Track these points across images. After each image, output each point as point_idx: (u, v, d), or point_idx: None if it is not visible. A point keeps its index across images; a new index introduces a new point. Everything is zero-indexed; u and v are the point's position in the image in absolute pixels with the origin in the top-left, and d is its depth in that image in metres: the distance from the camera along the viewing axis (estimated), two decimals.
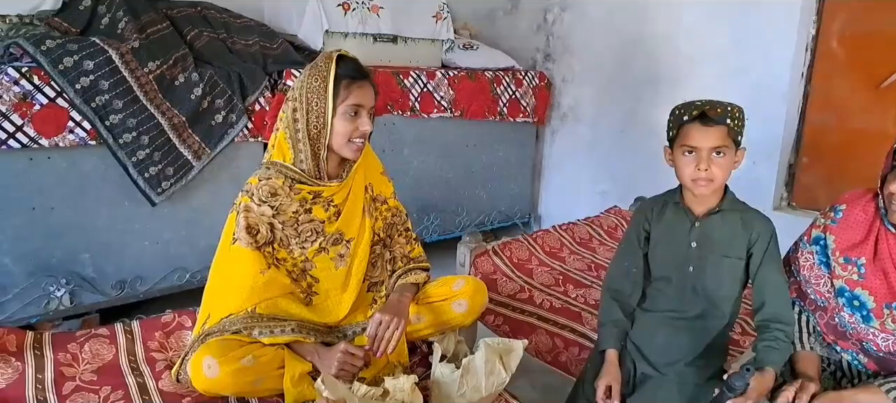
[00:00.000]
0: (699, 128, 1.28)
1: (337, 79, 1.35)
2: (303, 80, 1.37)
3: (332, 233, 1.46)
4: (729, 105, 1.29)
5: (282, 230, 1.40)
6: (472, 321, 1.58)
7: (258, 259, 1.37)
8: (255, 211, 1.37)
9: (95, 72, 1.93)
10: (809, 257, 1.36)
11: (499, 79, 3.10)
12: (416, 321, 1.53)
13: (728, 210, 1.36)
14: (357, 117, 1.38)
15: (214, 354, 1.27)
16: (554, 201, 3.58)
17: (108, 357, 1.41)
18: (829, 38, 2.62)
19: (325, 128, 1.36)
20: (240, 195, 1.41)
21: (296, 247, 1.42)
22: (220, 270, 1.41)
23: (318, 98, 1.35)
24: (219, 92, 2.22)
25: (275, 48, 2.54)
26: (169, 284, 2.27)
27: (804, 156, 2.76)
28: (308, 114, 1.35)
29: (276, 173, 1.39)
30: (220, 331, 1.33)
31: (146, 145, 2.06)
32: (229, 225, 1.41)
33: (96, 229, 2.08)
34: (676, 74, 2.91)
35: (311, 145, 1.37)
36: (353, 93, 1.37)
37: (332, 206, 1.45)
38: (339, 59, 1.37)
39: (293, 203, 1.40)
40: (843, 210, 1.31)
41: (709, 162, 1.28)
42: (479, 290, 1.57)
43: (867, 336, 1.28)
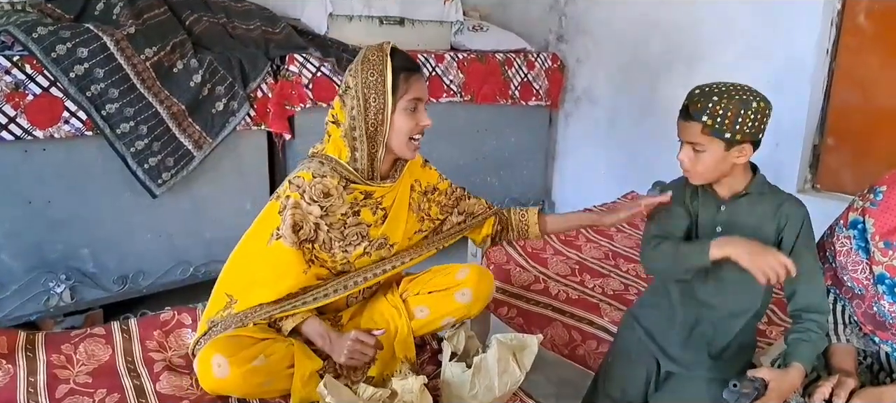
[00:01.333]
0: (681, 120, 1.25)
1: (394, 73, 1.28)
2: (356, 76, 1.29)
3: (378, 238, 1.40)
4: (716, 101, 1.19)
5: (326, 232, 1.33)
6: (478, 311, 1.50)
7: (300, 258, 1.31)
8: (304, 209, 1.30)
9: (90, 59, 1.86)
10: (846, 242, 1.27)
11: (510, 62, 3.00)
12: (419, 313, 1.46)
13: (756, 193, 1.29)
14: (416, 112, 1.32)
15: (224, 352, 1.21)
16: (569, 187, 3.49)
17: (103, 357, 1.35)
18: (856, 13, 2.50)
19: (385, 124, 1.29)
20: (286, 186, 1.32)
21: (339, 251, 1.35)
22: (251, 259, 1.33)
23: (377, 93, 1.27)
24: (219, 79, 2.14)
25: (277, 33, 2.46)
26: (173, 278, 2.21)
27: (829, 136, 2.64)
28: (366, 111, 1.28)
29: (331, 171, 1.32)
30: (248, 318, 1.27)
31: (145, 135, 1.99)
32: (268, 216, 1.32)
33: (96, 223, 2.02)
34: (695, 55, 2.79)
35: (368, 144, 1.30)
36: (413, 87, 1.30)
37: (380, 209, 1.39)
38: (392, 53, 1.30)
39: (344, 205, 1.33)
40: (884, 191, 1.22)
41: (689, 154, 1.25)
42: (484, 278, 1.50)
43: None
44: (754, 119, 1.21)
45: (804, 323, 1.23)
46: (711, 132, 1.20)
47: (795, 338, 1.23)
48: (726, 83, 1.23)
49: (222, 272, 1.37)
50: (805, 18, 2.49)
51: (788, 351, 1.23)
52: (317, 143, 1.39)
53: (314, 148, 1.39)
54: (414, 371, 1.34)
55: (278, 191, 1.34)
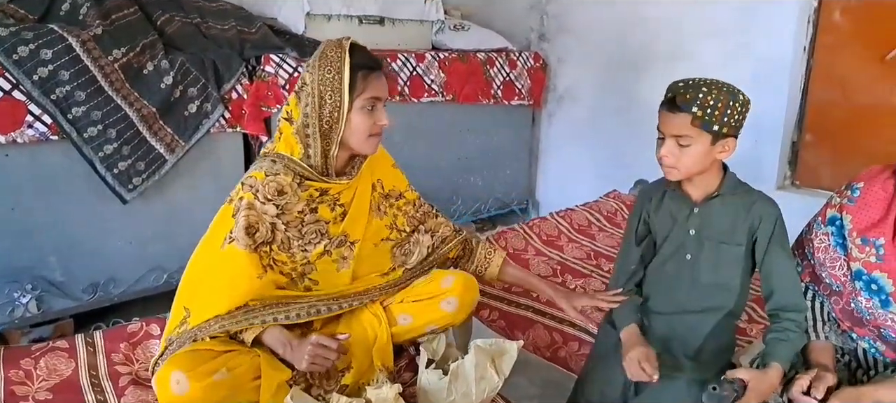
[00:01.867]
0: (665, 112, 1.22)
1: (352, 71, 1.24)
2: (313, 72, 1.26)
3: (338, 235, 1.36)
4: (708, 91, 1.18)
5: (284, 231, 1.29)
6: (463, 319, 1.48)
7: (255, 262, 1.26)
8: (258, 209, 1.25)
9: (54, 61, 1.80)
10: (824, 239, 1.26)
11: (492, 61, 2.97)
12: (403, 321, 1.42)
13: (728, 194, 1.27)
14: (374, 111, 1.29)
15: (183, 368, 1.15)
16: (553, 186, 3.47)
17: (66, 372, 1.30)
18: (832, 10, 2.52)
19: (340, 122, 1.25)
20: (239, 188, 1.28)
21: (297, 250, 1.31)
22: (205, 267, 1.29)
23: (333, 91, 1.24)
24: (191, 80, 2.08)
25: (253, 32, 2.41)
26: (146, 286, 2.15)
27: (808, 133, 2.66)
28: (321, 108, 1.24)
29: (284, 168, 1.28)
30: (202, 333, 1.22)
31: (114, 139, 1.93)
32: (222, 220, 1.29)
33: (64, 230, 1.95)
34: (677, 52, 2.79)
35: (322, 140, 1.27)
36: (371, 86, 1.27)
37: (338, 206, 1.35)
38: (351, 49, 1.26)
39: (300, 202, 1.29)
40: (861, 188, 1.22)
41: (673, 149, 1.21)
42: (470, 287, 1.47)
43: (885, 321, 1.19)
44: (740, 112, 1.21)
45: (782, 323, 1.23)
46: (701, 124, 1.17)
47: (773, 338, 1.23)
48: (705, 77, 1.22)
49: (180, 283, 1.32)
50: (782, 16, 2.51)
51: (767, 351, 1.22)
52: (268, 143, 1.35)
53: (265, 147, 1.35)
54: (391, 379, 1.30)
55: (231, 194, 1.30)
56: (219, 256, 1.26)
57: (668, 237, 1.33)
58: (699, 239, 1.30)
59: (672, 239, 1.32)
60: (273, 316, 1.27)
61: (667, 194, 1.34)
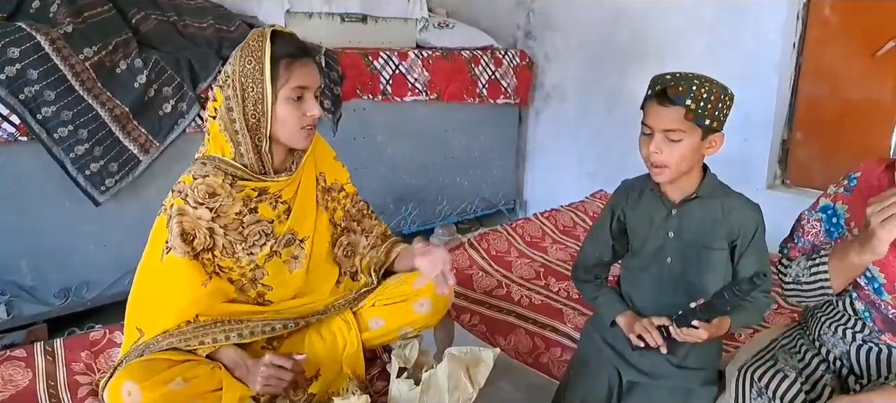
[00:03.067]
0: (655, 106, 1.15)
1: (274, 60, 1.17)
2: (234, 64, 1.19)
3: (284, 234, 1.29)
4: (700, 84, 1.13)
5: (224, 236, 1.22)
6: (437, 321, 1.42)
7: (197, 268, 1.20)
8: (191, 214, 1.19)
9: (22, 60, 1.75)
10: (815, 224, 1.25)
11: (477, 59, 2.93)
12: (375, 325, 1.37)
13: (707, 196, 1.23)
14: (302, 101, 1.21)
15: (136, 379, 1.10)
16: (540, 185, 3.44)
17: (22, 383, 1.25)
18: (822, 5, 2.49)
19: (266, 116, 1.18)
20: (170, 196, 1.22)
21: (243, 255, 1.25)
22: (149, 282, 1.24)
23: (254, 82, 1.17)
24: (166, 79, 2.03)
25: (232, 31, 2.36)
26: (121, 289, 2.09)
27: (798, 131, 2.63)
28: (244, 102, 1.17)
29: (213, 169, 1.21)
30: (151, 349, 1.17)
31: (85, 139, 1.88)
32: (158, 231, 1.23)
33: (34, 233, 1.90)
34: (664, 48, 2.76)
35: (250, 136, 1.20)
36: (296, 74, 1.19)
37: (280, 204, 1.28)
38: (274, 36, 1.19)
39: (236, 203, 1.22)
40: (858, 178, 1.20)
41: (662, 145, 1.15)
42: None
43: (879, 303, 1.18)
44: (729, 106, 1.17)
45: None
46: (694, 117, 1.12)
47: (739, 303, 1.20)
48: (690, 71, 1.17)
49: (128, 303, 1.27)
50: (771, 12, 2.48)
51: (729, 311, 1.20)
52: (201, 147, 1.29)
53: (198, 152, 1.29)
54: (362, 388, 1.26)
55: (164, 203, 1.24)
56: (160, 268, 1.20)
57: (646, 239, 1.29)
58: (679, 243, 1.26)
59: (651, 241, 1.28)
60: (225, 335, 1.21)
61: (645, 194, 1.30)
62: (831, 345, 1.28)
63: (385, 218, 2.76)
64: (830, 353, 1.28)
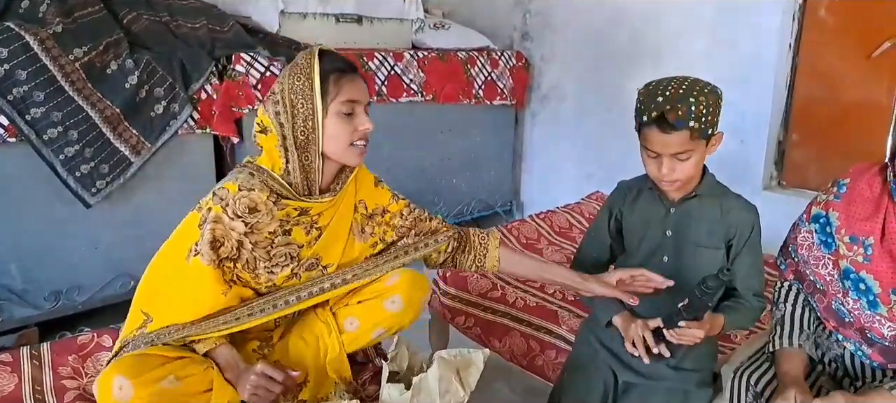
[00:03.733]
0: (657, 133, 1.13)
1: (324, 76, 1.17)
2: (282, 82, 1.19)
3: (308, 258, 1.28)
4: (694, 100, 1.11)
5: (251, 251, 1.21)
6: (411, 320, 1.37)
7: (219, 278, 1.19)
8: (226, 223, 1.17)
9: (10, 60, 1.73)
10: (808, 236, 1.23)
11: (473, 60, 2.92)
12: (349, 326, 1.33)
13: (706, 195, 1.23)
14: (353, 117, 1.21)
15: (127, 373, 1.08)
16: (537, 187, 3.42)
17: (8, 388, 1.22)
18: (817, 6, 2.48)
19: (316, 132, 1.18)
20: (210, 198, 1.19)
21: (263, 272, 1.23)
22: (169, 275, 1.21)
23: (304, 98, 1.17)
24: (158, 80, 2.02)
25: (225, 31, 2.34)
26: (112, 292, 2.08)
27: (794, 132, 2.62)
28: (294, 118, 1.17)
29: (260, 183, 1.19)
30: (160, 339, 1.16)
31: (75, 140, 1.86)
32: (188, 227, 1.20)
33: (24, 236, 1.88)
34: (661, 48, 2.75)
35: (299, 154, 1.19)
36: (345, 88, 1.19)
37: (315, 229, 1.27)
38: (321, 54, 1.20)
39: (273, 222, 1.21)
40: (847, 184, 1.18)
41: (673, 165, 1.15)
42: (417, 284, 1.36)
43: (872, 324, 1.15)
44: (720, 105, 1.17)
45: (740, 296, 1.24)
46: (700, 135, 1.12)
47: (728, 305, 1.24)
48: (674, 79, 1.16)
49: (139, 286, 1.25)
50: (767, 13, 2.47)
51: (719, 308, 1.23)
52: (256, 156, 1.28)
53: (250, 157, 1.27)
54: (351, 392, 1.24)
55: (201, 202, 1.22)
56: (184, 268, 1.18)
57: (643, 238, 1.29)
58: (676, 242, 1.25)
59: (648, 240, 1.28)
60: (235, 317, 1.19)
61: (643, 193, 1.29)
62: (826, 348, 1.27)
63: None
64: (825, 356, 1.27)
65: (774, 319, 1.28)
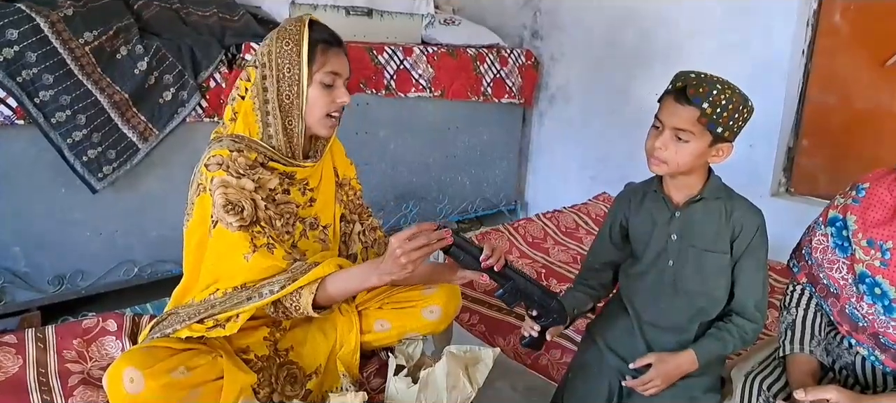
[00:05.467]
0: (671, 102, 1.14)
1: (312, 45, 1.18)
2: (270, 45, 1.20)
3: (309, 219, 1.29)
4: (722, 89, 1.11)
5: (264, 208, 1.19)
6: (444, 328, 1.41)
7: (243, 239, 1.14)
8: (235, 184, 1.14)
9: (20, 42, 1.72)
10: (823, 240, 1.22)
11: (482, 57, 2.90)
12: (380, 328, 1.35)
13: (710, 198, 1.21)
14: (333, 88, 1.22)
15: (138, 365, 1.07)
16: (542, 187, 3.41)
17: (12, 369, 1.22)
18: (832, 12, 2.47)
19: (300, 97, 1.19)
20: (204, 172, 1.17)
21: (282, 231, 1.22)
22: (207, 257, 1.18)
23: (292, 64, 1.17)
24: (167, 66, 2.00)
25: (235, 20, 2.33)
26: (115, 279, 2.07)
27: (804, 138, 2.61)
28: (279, 82, 1.18)
29: (246, 147, 1.19)
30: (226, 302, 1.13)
31: (83, 125, 1.85)
32: (201, 212, 1.17)
33: (29, 219, 1.87)
34: (671, 50, 2.73)
35: (282, 118, 1.19)
36: (331, 61, 1.21)
37: (308, 190, 1.28)
38: (310, 24, 1.21)
39: (274, 178, 1.21)
40: (866, 189, 1.17)
41: (669, 142, 1.14)
42: (454, 295, 1.41)
43: (886, 328, 1.14)
44: (745, 119, 1.15)
45: (728, 324, 1.22)
46: (707, 122, 1.11)
47: (711, 332, 1.23)
48: (716, 75, 1.15)
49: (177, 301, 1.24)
50: (781, 17, 2.46)
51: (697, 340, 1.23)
52: (220, 126, 1.26)
53: (215, 131, 1.25)
54: (358, 386, 1.23)
55: (199, 183, 1.18)
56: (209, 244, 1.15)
57: (648, 243, 1.27)
58: (681, 246, 1.24)
59: (653, 244, 1.27)
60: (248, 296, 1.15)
61: (647, 196, 1.28)
62: (837, 355, 1.25)
63: (385, 216, 2.74)
64: (836, 363, 1.26)
65: (785, 324, 1.26)
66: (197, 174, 1.19)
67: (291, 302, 1.15)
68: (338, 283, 1.16)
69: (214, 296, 1.16)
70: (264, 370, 1.24)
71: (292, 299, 1.15)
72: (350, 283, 1.18)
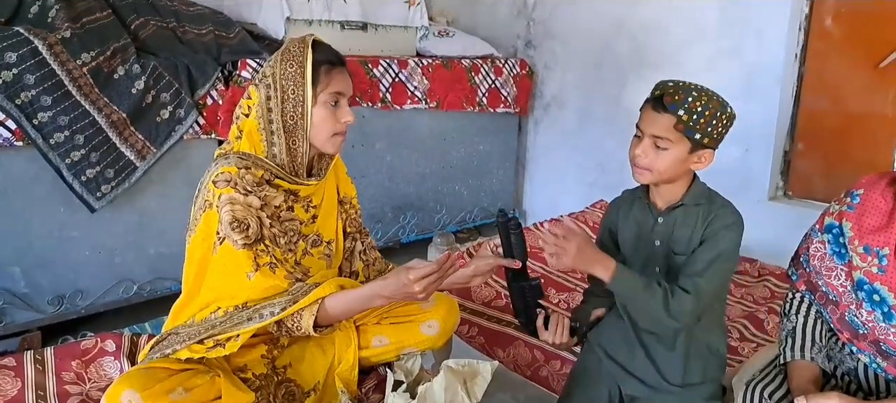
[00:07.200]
0: (649, 110, 1.16)
1: (315, 65, 1.20)
2: (274, 66, 1.21)
3: (311, 235, 1.30)
4: (698, 96, 1.12)
5: (270, 226, 1.20)
6: (443, 344, 1.42)
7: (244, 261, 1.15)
8: (242, 201, 1.15)
9: (19, 64, 1.74)
10: (820, 247, 1.22)
11: (477, 68, 2.92)
12: (378, 344, 1.36)
13: (690, 204, 1.21)
14: (338, 107, 1.24)
15: (136, 387, 1.07)
16: (539, 195, 3.42)
17: (11, 392, 1.22)
18: (823, 16, 2.48)
19: (304, 118, 1.20)
20: (211, 188, 1.16)
21: (285, 248, 1.23)
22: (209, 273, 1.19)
23: (296, 85, 1.19)
24: (164, 85, 2.02)
25: (231, 37, 2.35)
26: (115, 298, 2.07)
27: (799, 142, 2.62)
28: (284, 103, 1.19)
29: (253, 165, 1.19)
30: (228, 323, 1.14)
31: (82, 145, 1.86)
32: (206, 228, 1.17)
33: (28, 239, 1.88)
34: (664, 58, 2.75)
35: (286, 138, 1.21)
36: (335, 80, 1.22)
37: (311, 207, 1.30)
38: (314, 45, 1.22)
39: (278, 195, 1.22)
40: (860, 194, 1.17)
41: (649, 150, 1.16)
42: (452, 310, 1.42)
43: (886, 335, 1.14)
44: (726, 124, 1.16)
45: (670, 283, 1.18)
46: (684, 129, 1.12)
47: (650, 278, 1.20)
48: (696, 82, 1.17)
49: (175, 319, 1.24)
50: (773, 22, 2.47)
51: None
52: (225, 145, 1.27)
53: (220, 149, 1.26)
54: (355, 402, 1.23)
55: (206, 199, 1.18)
56: (213, 261, 1.16)
57: (636, 249, 1.29)
58: (665, 251, 1.24)
59: (641, 251, 1.28)
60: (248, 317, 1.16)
61: (635, 203, 1.30)
62: (838, 361, 1.25)
63: (383, 227, 2.75)
64: (838, 369, 1.25)
65: (785, 331, 1.26)
66: (203, 189, 1.20)
67: (293, 323, 1.16)
68: (339, 305, 1.17)
69: (215, 315, 1.16)
70: (263, 388, 1.24)
71: (293, 320, 1.16)
72: (353, 305, 1.19)
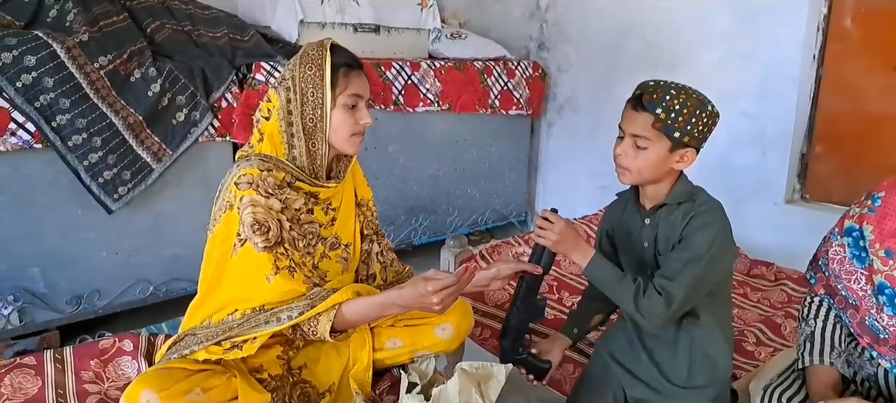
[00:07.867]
0: (629, 109, 1.18)
1: (334, 68, 1.21)
2: (293, 70, 1.22)
3: (330, 239, 1.31)
4: (676, 95, 1.12)
5: (289, 229, 1.21)
6: (457, 346, 1.43)
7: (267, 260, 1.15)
8: (263, 204, 1.16)
9: (38, 68, 1.76)
10: (840, 250, 1.20)
11: (489, 70, 2.92)
12: (392, 346, 1.36)
13: (673, 204, 1.21)
14: (356, 110, 1.25)
15: (154, 387, 1.09)
16: (552, 198, 3.40)
17: (32, 390, 1.24)
18: (842, 16, 2.45)
19: (324, 120, 1.21)
20: (233, 190, 1.17)
21: (304, 252, 1.24)
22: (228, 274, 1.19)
23: (315, 88, 1.20)
24: (180, 88, 2.04)
25: (245, 40, 2.37)
26: (131, 298, 2.10)
27: (817, 144, 2.58)
28: (303, 105, 1.21)
29: (275, 167, 1.21)
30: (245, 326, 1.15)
31: (99, 147, 1.89)
32: (226, 229, 1.18)
33: (46, 240, 1.91)
34: (677, 59, 2.73)
35: (306, 140, 1.22)
36: (352, 83, 1.23)
37: (330, 209, 1.31)
38: (332, 48, 1.23)
39: (299, 199, 1.23)
40: (882, 197, 1.15)
41: (629, 149, 1.17)
42: (467, 314, 1.42)
43: None
44: (706, 123, 1.16)
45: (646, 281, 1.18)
46: (662, 127, 1.13)
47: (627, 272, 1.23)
48: (677, 82, 1.17)
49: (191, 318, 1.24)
50: (789, 23, 2.44)
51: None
52: (246, 147, 1.29)
53: (242, 151, 1.27)
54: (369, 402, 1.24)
55: (227, 200, 1.18)
56: (232, 263, 1.16)
57: (629, 251, 1.29)
58: (653, 252, 1.24)
59: (634, 252, 1.28)
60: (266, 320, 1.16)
61: (628, 205, 1.30)
62: (858, 367, 1.24)
63: (395, 229, 2.76)
64: (858, 375, 1.24)
65: (803, 335, 1.25)
66: (224, 190, 1.21)
67: (309, 327, 1.16)
68: (356, 311, 1.18)
69: (232, 317, 1.17)
70: (278, 389, 1.25)
71: (310, 324, 1.16)
72: (369, 312, 1.20)
